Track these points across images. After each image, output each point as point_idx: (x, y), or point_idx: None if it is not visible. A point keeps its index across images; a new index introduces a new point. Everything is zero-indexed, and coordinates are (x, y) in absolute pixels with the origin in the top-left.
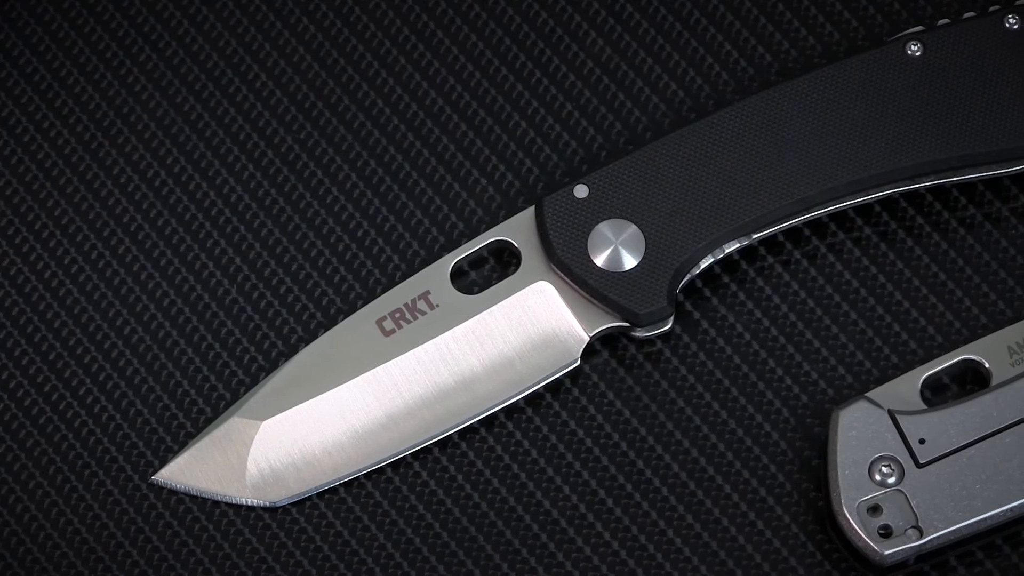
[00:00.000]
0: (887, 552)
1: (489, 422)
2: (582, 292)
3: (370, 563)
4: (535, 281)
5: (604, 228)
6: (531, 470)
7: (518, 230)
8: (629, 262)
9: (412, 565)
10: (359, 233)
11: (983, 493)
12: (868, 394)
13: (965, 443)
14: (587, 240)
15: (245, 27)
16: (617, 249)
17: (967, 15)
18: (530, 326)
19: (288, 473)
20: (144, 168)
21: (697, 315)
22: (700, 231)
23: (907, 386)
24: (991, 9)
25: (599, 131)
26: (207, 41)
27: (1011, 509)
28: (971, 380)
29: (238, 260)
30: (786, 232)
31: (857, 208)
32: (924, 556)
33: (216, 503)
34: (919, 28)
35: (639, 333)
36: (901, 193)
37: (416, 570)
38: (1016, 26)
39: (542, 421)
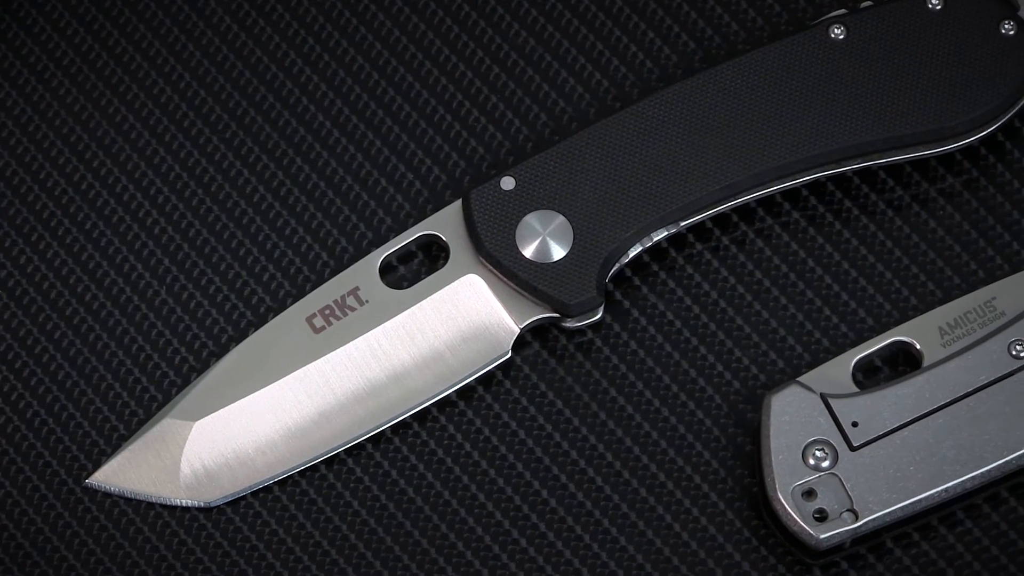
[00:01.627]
0: (823, 536)
1: (421, 417)
2: (511, 284)
3: (306, 561)
4: (464, 274)
5: (532, 219)
6: (465, 464)
7: (446, 224)
8: (557, 253)
9: (348, 562)
10: (287, 231)
11: (917, 475)
12: (800, 378)
13: (898, 425)
14: (515, 232)
15: (168, 28)
16: (545, 240)
17: None
18: (460, 319)
19: (222, 473)
20: (66, 168)
21: (627, 304)
22: (628, 220)
23: (839, 369)
24: None
25: (525, 122)
26: (130, 43)
27: (946, 490)
28: (903, 362)
29: (167, 261)
30: (714, 218)
31: (784, 193)
32: (860, 539)
33: (151, 504)
34: (842, 11)
35: (569, 323)
36: (828, 177)
37: (352, 566)
38: (939, 7)
39: (475, 414)
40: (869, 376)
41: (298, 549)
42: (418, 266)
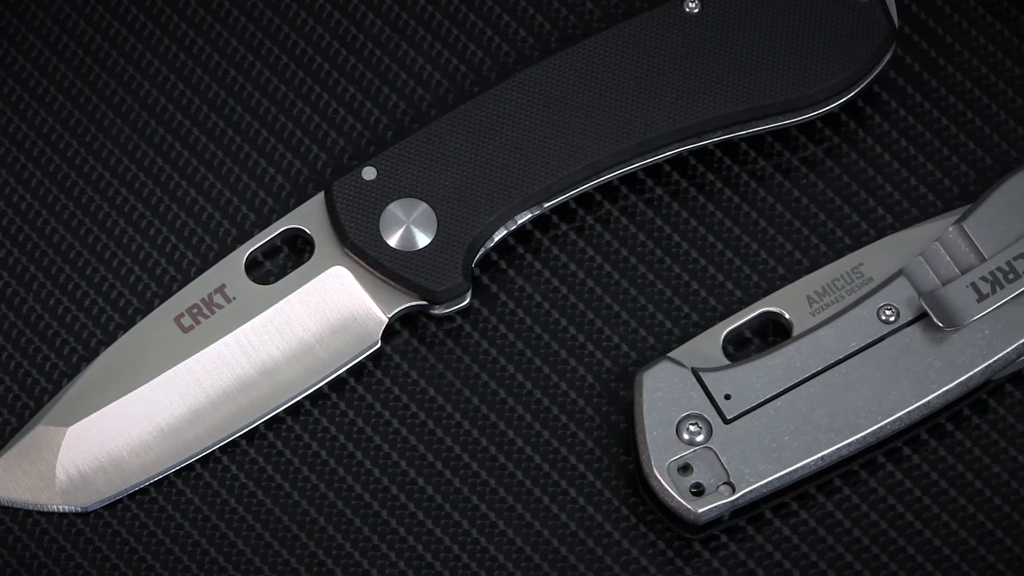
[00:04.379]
0: (700, 510)
1: (294, 411)
2: (377, 274)
3: (186, 560)
4: (330, 266)
5: (395, 208)
6: (340, 456)
7: (309, 217)
8: (422, 240)
9: (228, 559)
10: (150, 231)
11: (792, 444)
12: (670, 354)
13: (771, 396)
14: (379, 221)
15: (15, 27)
16: (409, 228)
17: None
18: (328, 311)
19: (97, 476)
20: None
21: (495, 288)
22: (491, 204)
23: (709, 343)
24: None
25: (384, 112)
26: None
27: (822, 458)
28: (773, 332)
29: (32, 268)
30: (578, 199)
31: (647, 169)
32: (738, 511)
33: (28, 512)
34: None
35: (438, 310)
36: (690, 151)
37: (232, 564)
38: None
39: (347, 406)
40: (740, 348)
41: (177, 549)
42: (284, 260)
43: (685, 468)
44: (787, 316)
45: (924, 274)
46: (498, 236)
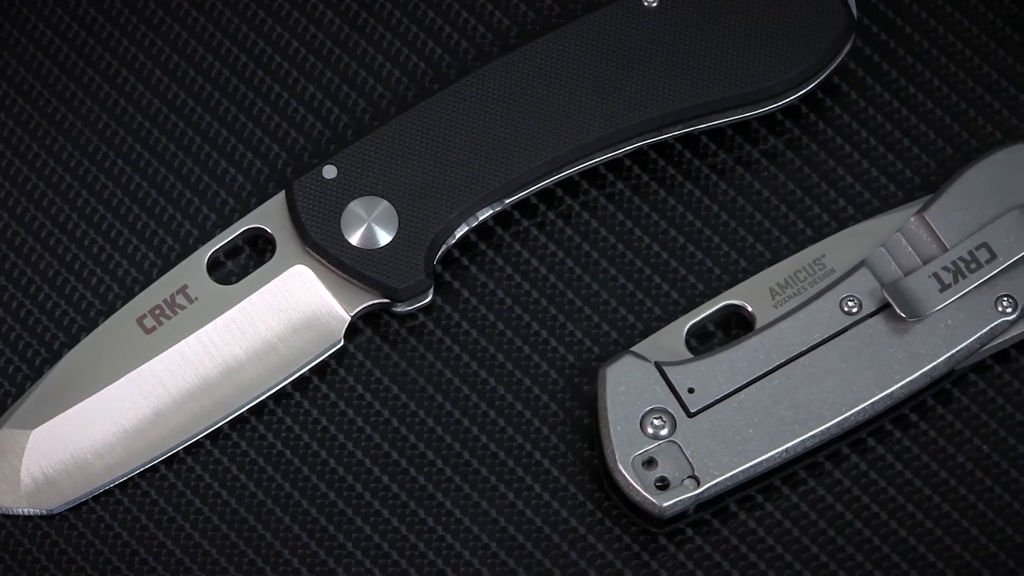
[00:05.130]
0: (665, 504)
1: (258, 411)
2: (339, 272)
3: (151, 562)
4: (292, 265)
5: (356, 206)
6: (304, 455)
7: (270, 216)
8: (384, 238)
9: (193, 560)
10: (112, 233)
11: (756, 437)
12: (634, 348)
13: (734, 388)
14: (340, 220)
15: None
16: (370, 226)
17: None
18: (290, 311)
19: (62, 479)
20: None
21: (457, 285)
22: (452, 201)
23: (672, 337)
24: None
25: (344, 110)
26: None
27: (786, 450)
28: (736, 325)
29: None
30: (539, 194)
31: (608, 164)
32: (703, 505)
33: None
34: None
35: (400, 308)
36: (650, 145)
37: (198, 564)
38: None
39: (311, 405)
40: (703, 342)
41: (142, 551)
42: (246, 260)
43: (649, 462)
44: (750, 309)
45: (886, 265)
46: (459, 233)
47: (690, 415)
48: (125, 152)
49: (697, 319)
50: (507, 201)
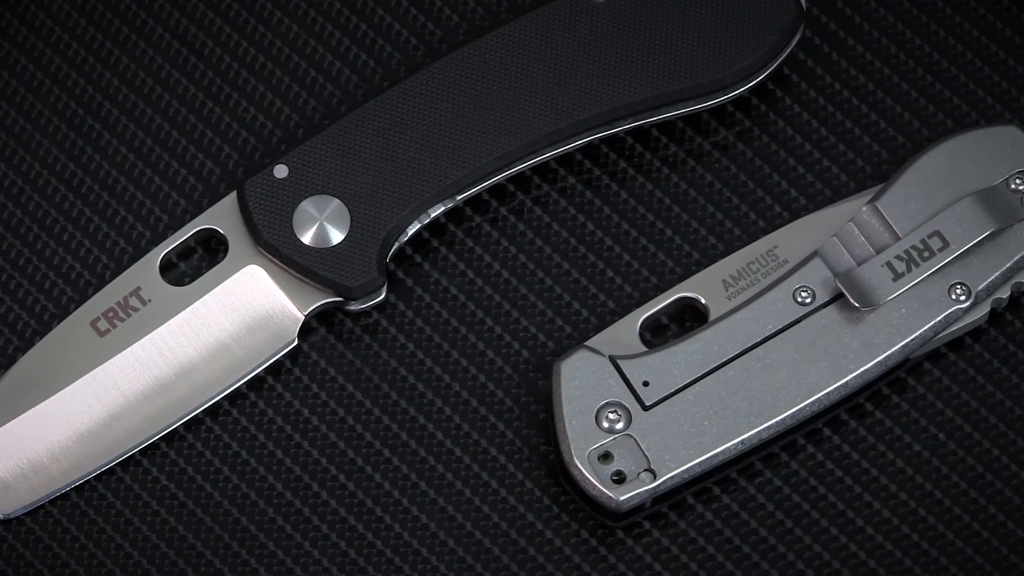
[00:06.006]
0: (622, 498)
1: (214, 411)
2: (292, 272)
3: (109, 564)
4: (245, 265)
5: (307, 205)
6: (260, 455)
7: (222, 216)
8: (336, 237)
9: (151, 562)
10: (64, 236)
11: (712, 429)
12: (588, 342)
13: (689, 381)
14: (292, 219)
15: None
16: (323, 225)
17: None
18: (244, 311)
19: (18, 483)
20: None
21: (410, 282)
22: (403, 198)
23: (626, 330)
24: None
25: (294, 109)
26: None
27: (742, 442)
28: (690, 317)
29: None
30: (490, 190)
31: (559, 159)
32: (660, 497)
33: None
34: None
35: (354, 306)
36: (601, 139)
37: (155, 567)
38: None
39: (266, 405)
40: (657, 335)
41: (100, 553)
42: (198, 261)
43: (606, 456)
44: (703, 301)
45: (839, 255)
46: (412, 230)
47: (645, 408)
48: (76, 155)
49: (651, 312)
50: (459, 198)
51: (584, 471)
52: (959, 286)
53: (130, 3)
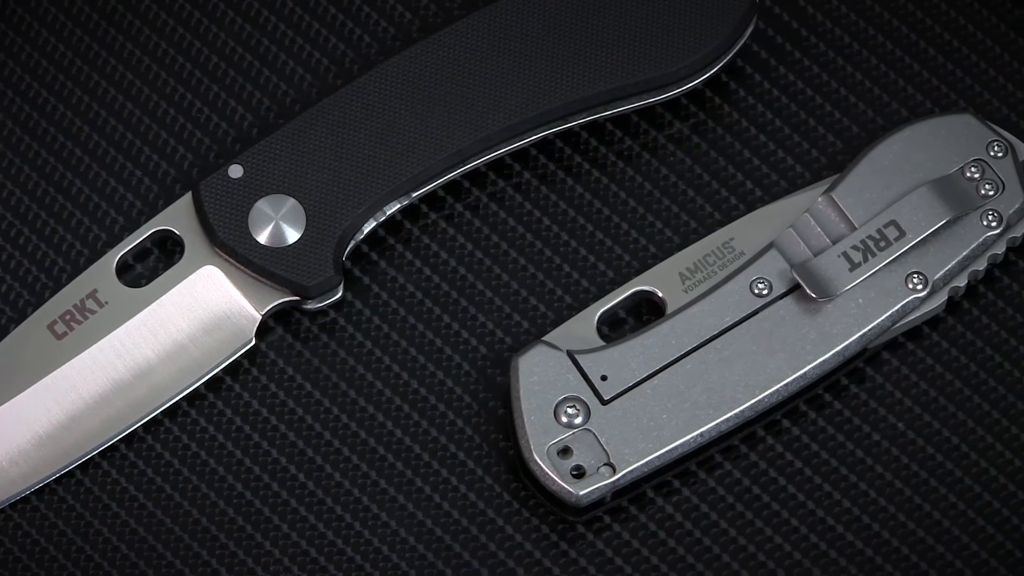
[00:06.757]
0: (582, 492)
1: (172, 412)
2: (248, 271)
3: (70, 568)
4: (201, 266)
5: (263, 205)
6: (220, 456)
7: (178, 217)
8: (292, 236)
9: (112, 564)
10: (20, 240)
11: (671, 422)
12: (545, 337)
13: (647, 374)
14: (247, 219)
15: None
16: (278, 224)
17: None
18: (200, 311)
19: None
20: None
21: (367, 280)
22: (358, 196)
23: (583, 325)
24: None
25: (248, 109)
26: None
27: (701, 434)
28: (647, 311)
29: None
30: (446, 187)
31: (514, 154)
32: (620, 491)
33: None
34: None
35: (311, 305)
36: (556, 134)
37: (117, 568)
38: None
39: (225, 405)
40: (614, 329)
41: (61, 556)
42: (155, 262)
43: (565, 451)
44: (660, 294)
45: (795, 246)
46: (368, 228)
47: (604, 402)
48: (31, 158)
49: (608, 306)
50: (414, 195)
51: (544, 466)
52: (916, 275)
53: (82, 6)
